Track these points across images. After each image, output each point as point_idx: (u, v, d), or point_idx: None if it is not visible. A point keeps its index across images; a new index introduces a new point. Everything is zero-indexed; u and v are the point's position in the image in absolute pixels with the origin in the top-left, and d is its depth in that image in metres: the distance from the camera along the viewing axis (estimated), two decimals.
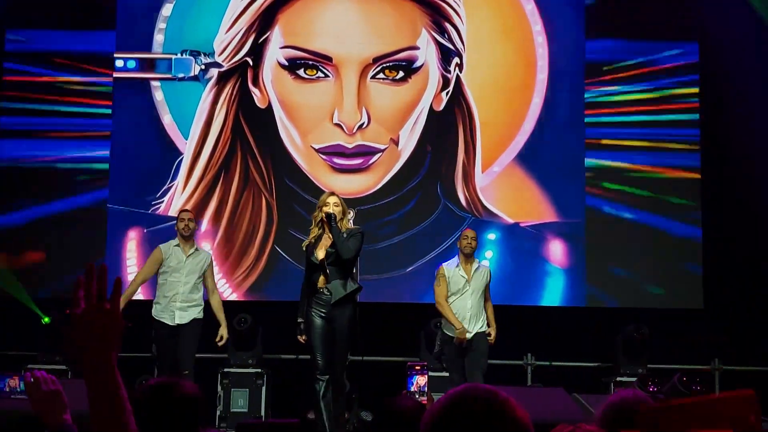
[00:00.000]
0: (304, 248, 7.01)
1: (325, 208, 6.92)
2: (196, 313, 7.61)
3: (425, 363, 6.49)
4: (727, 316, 9.09)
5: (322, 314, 6.82)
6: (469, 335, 7.60)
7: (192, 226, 7.84)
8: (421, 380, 6.01)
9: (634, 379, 7.65)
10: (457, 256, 7.88)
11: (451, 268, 7.84)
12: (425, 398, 4.67)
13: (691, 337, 9.02)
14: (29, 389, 2.48)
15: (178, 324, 7.56)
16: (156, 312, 7.63)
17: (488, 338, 7.71)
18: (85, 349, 1.83)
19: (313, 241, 6.96)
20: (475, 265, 7.81)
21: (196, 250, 7.83)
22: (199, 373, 7.43)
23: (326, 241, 6.89)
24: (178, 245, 7.76)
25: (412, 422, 3.14)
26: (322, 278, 6.85)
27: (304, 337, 6.88)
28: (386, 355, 8.93)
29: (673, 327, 9.08)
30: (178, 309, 7.57)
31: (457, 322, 7.58)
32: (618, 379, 8.47)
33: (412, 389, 4.44)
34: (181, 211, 8.10)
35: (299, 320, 6.92)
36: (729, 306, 9.12)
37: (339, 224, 6.86)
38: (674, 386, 6.88)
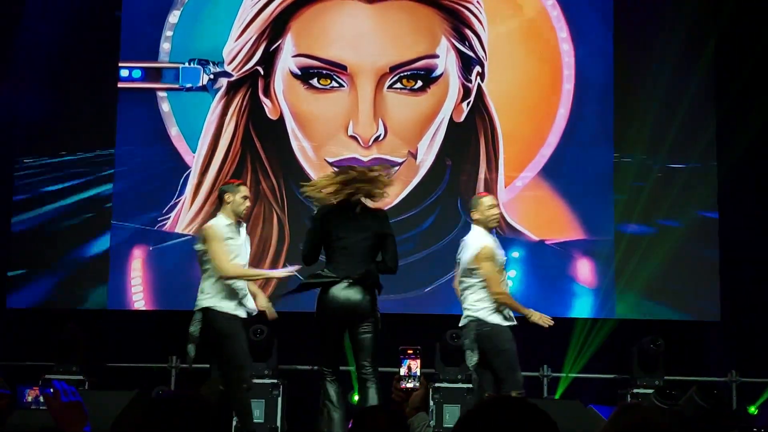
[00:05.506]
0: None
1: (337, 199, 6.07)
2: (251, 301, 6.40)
3: (419, 347, 5.90)
4: (744, 328, 8.90)
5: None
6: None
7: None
8: (413, 364, 5.66)
9: (650, 391, 7.41)
10: (480, 229, 6.49)
11: (491, 243, 6.37)
12: (417, 383, 4.41)
13: (708, 349, 8.91)
14: (49, 401, 2.47)
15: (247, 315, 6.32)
16: (230, 308, 6.22)
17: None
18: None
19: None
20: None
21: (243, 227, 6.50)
22: None
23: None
24: (231, 224, 6.28)
25: None
26: None
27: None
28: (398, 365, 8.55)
29: (689, 339, 8.93)
30: (248, 300, 6.34)
31: (525, 309, 6.37)
32: (634, 390, 8.21)
33: (403, 373, 4.19)
34: (239, 184, 6.53)
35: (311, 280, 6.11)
36: (746, 318, 8.93)
37: (375, 193, 6.07)
38: (691, 398, 6.71)
